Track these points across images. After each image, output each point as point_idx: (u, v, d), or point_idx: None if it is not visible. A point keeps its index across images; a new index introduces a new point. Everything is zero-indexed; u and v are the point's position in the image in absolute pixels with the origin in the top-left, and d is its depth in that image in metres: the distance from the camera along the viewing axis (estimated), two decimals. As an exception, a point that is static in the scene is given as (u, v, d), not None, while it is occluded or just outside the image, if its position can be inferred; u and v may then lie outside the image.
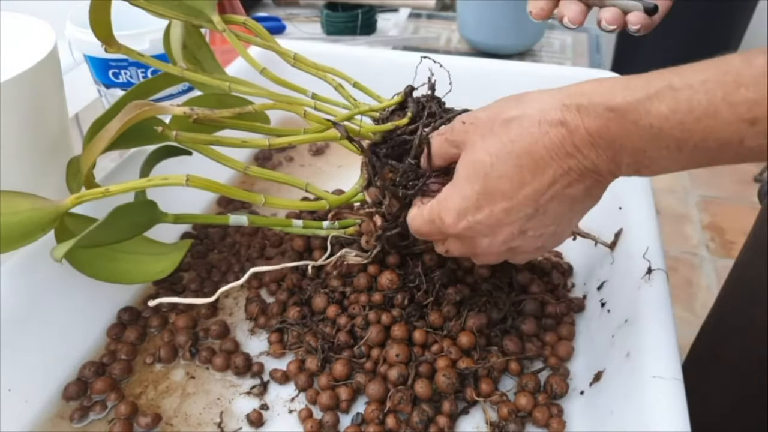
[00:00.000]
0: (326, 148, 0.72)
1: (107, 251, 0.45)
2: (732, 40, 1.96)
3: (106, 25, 0.44)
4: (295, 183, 0.46)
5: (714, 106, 0.28)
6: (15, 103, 0.44)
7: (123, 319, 0.49)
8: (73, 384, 0.44)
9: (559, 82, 0.72)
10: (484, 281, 0.48)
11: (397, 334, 0.44)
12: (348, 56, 0.76)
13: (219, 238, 0.57)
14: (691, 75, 0.29)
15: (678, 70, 0.30)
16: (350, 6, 1.03)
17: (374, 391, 0.42)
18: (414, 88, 0.47)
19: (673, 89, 0.29)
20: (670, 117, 0.29)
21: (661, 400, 0.35)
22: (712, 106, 0.28)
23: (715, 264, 1.58)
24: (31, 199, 0.40)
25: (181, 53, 0.49)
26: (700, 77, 0.28)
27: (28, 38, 0.49)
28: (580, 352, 0.46)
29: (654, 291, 0.42)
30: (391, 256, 0.48)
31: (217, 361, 0.46)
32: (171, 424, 0.43)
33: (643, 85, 0.30)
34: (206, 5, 0.48)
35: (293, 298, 0.50)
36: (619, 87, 0.31)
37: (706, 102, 0.28)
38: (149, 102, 0.42)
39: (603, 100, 0.31)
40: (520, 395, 0.43)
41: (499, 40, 0.93)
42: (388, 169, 0.43)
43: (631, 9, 0.42)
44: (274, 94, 0.47)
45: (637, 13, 0.42)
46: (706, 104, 0.28)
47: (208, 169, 0.45)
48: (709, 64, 0.29)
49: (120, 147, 0.48)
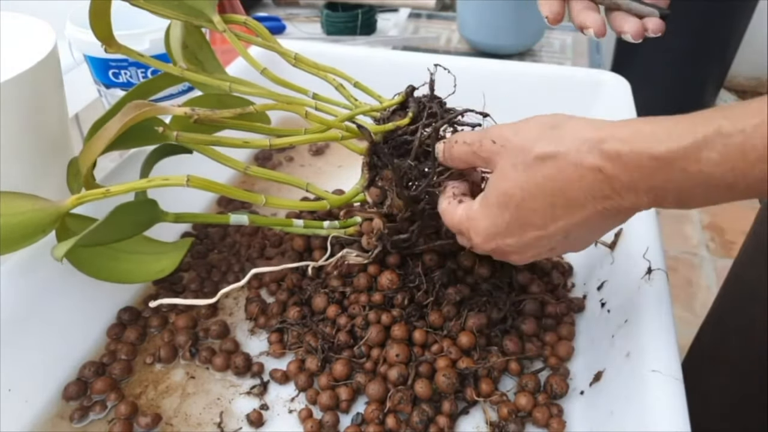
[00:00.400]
0: (326, 148, 0.72)
1: (108, 250, 0.45)
2: (732, 40, 1.96)
3: (106, 25, 0.44)
4: (295, 183, 0.46)
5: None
6: (15, 103, 0.44)
7: (123, 319, 0.49)
8: (73, 384, 0.44)
9: (559, 82, 0.73)
10: (484, 281, 0.48)
11: (397, 334, 0.44)
12: (348, 56, 0.76)
13: (219, 237, 0.57)
14: (742, 119, 0.27)
15: (726, 112, 0.28)
16: (350, 6, 1.03)
17: (374, 391, 0.42)
18: (415, 88, 0.47)
19: (723, 135, 0.27)
20: (721, 163, 0.28)
21: (661, 399, 0.35)
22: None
23: (714, 264, 1.58)
24: (31, 200, 0.40)
25: (181, 53, 0.49)
26: (752, 121, 0.27)
27: (28, 38, 0.49)
28: (580, 352, 0.46)
29: (654, 291, 0.42)
30: (391, 256, 0.48)
31: (217, 361, 0.46)
32: (171, 424, 0.43)
33: (690, 129, 0.28)
34: (206, 5, 0.48)
35: (293, 298, 0.50)
36: (663, 133, 0.29)
37: (762, 147, 0.26)
38: (149, 102, 0.42)
39: (646, 148, 0.29)
40: (520, 395, 0.43)
41: (499, 40, 0.93)
42: (389, 170, 0.44)
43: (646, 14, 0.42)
44: (275, 94, 0.47)
45: (654, 19, 0.41)
46: (761, 149, 0.27)
47: (209, 169, 0.45)
48: (757, 107, 0.27)
49: (120, 147, 0.48)
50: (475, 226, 0.37)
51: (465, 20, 0.95)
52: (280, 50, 0.50)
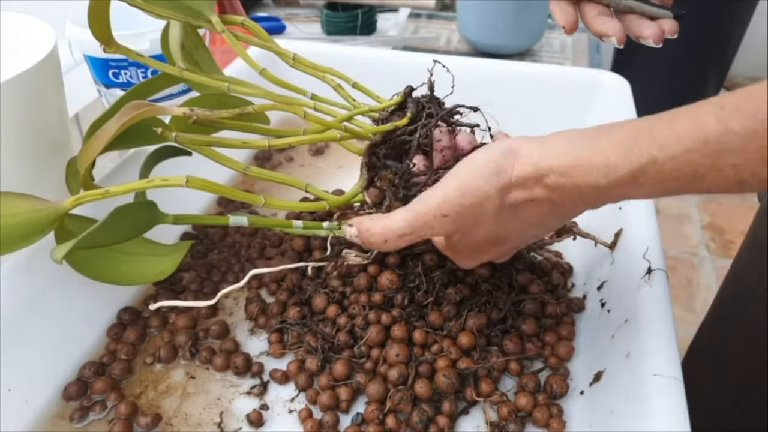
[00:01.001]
0: (326, 149, 0.72)
1: (107, 252, 0.45)
2: (732, 40, 1.96)
3: (104, 25, 0.44)
4: (295, 183, 0.46)
5: (700, 174, 0.29)
6: (15, 103, 0.44)
7: (123, 319, 0.49)
8: (73, 384, 0.44)
9: (559, 82, 0.73)
10: (484, 281, 0.48)
11: (397, 334, 0.44)
12: (348, 56, 0.76)
13: (219, 238, 0.57)
14: (671, 145, 0.29)
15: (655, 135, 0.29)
16: (350, 6, 1.03)
17: (374, 391, 0.42)
18: (413, 89, 0.47)
19: (657, 163, 0.29)
20: (657, 184, 0.30)
21: (661, 400, 0.35)
22: (699, 174, 0.29)
23: (714, 264, 1.58)
24: (30, 200, 0.40)
25: (179, 53, 0.49)
26: (680, 147, 0.28)
27: (28, 38, 0.49)
28: (580, 352, 0.46)
29: (654, 291, 0.42)
30: (391, 256, 0.48)
31: (217, 361, 0.46)
32: (171, 424, 0.43)
33: (624, 159, 0.30)
34: (205, 5, 0.48)
35: (293, 298, 0.50)
36: (600, 164, 0.31)
37: (692, 172, 0.29)
38: (148, 102, 0.42)
39: (587, 182, 0.32)
40: (520, 395, 0.43)
41: (499, 40, 0.93)
42: (389, 171, 0.44)
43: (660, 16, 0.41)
44: (274, 95, 0.47)
45: (669, 21, 0.41)
46: (692, 174, 0.29)
47: (208, 169, 0.45)
48: (686, 130, 0.29)
49: (119, 147, 0.48)
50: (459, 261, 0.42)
51: (465, 20, 0.95)
52: (279, 51, 0.50)
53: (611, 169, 0.30)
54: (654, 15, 0.41)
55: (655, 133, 0.30)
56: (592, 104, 0.68)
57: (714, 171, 0.28)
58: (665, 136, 0.29)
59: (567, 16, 0.42)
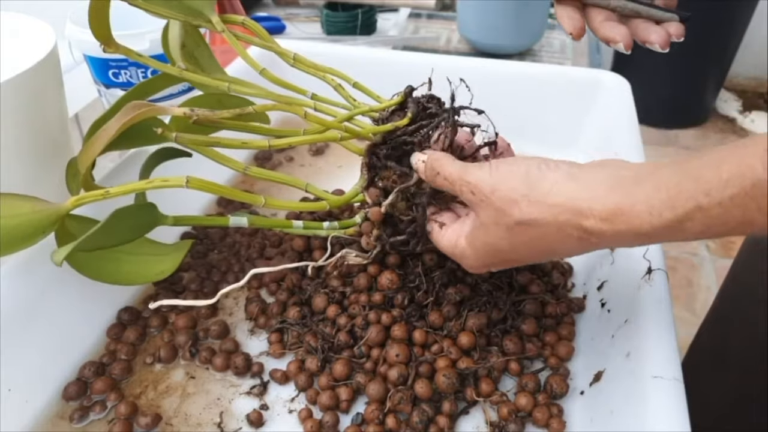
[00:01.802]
0: (326, 148, 0.72)
1: (108, 252, 0.45)
2: (732, 40, 1.96)
3: (104, 25, 0.44)
4: (295, 183, 0.46)
5: (749, 218, 0.28)
6: (15, 103, 0.44)
7: (123, 319, 0.49)
8: (73, 384, 0.44)
9: (559, 82, 0.72)
10: (484, 281, 0.48)
11: (397, 334, 0.44)
12: (348, 56, 0.76)
13: (219, 238, 0.57)
14: (717, 191, 0.28)
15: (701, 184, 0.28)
16: (350, 6, 1.03)
17: (374, 391, 0.42)
18: (414, 89, 0.46)
19: (702, 209, 0.28)
20: (704, 231, 0.29)
21: (661, 400, 0.35)
22: (747, 218, 0.28)
23: (714, 264, 1.58)
24: (31, 201, 0.40)
25: (179, 53, 0.49)
26: (727, 193, 0.27)
27: (28, 38, 0.49)
28: (580, 352, 0.46)
29: (654, 291, 0.42)
30: (391, 257, 0.48)
31: (217, 361, 0.46)
32: (171, 424, 0.43)
33: (669, 205, 0.29)
34: (205, 5, 0.48)
35: (293, 298, 0.50)
36: (644, 210, 0.30)
37: (741, 216, 0.28)
38: (148, 102, 0.42)
39: (628, 228, 0.31)
40: (520, 395, 0.43)
41: (499, 40, 0.93)
42: (390, 171, 0.44)
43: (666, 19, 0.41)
44: (274, 95, 0.47)
45: (675, 24, 0.40)
46: (740, 218, 0.28)
47: (208, 170, 0.45)
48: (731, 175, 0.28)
49: (119, 147, 0.48)
50: (464, 260, 0.40)
51: (465, 20, 0.95)
52: (279, 50, 0.50)
53: (655, 216, 0.30)
54: (660, 18, 0.41)
55: (699, 178, 0.29)
56: (592, 104, 0.68)
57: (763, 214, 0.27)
58: (713, 183, 0.28)
59: (573, 22, 0.42)
